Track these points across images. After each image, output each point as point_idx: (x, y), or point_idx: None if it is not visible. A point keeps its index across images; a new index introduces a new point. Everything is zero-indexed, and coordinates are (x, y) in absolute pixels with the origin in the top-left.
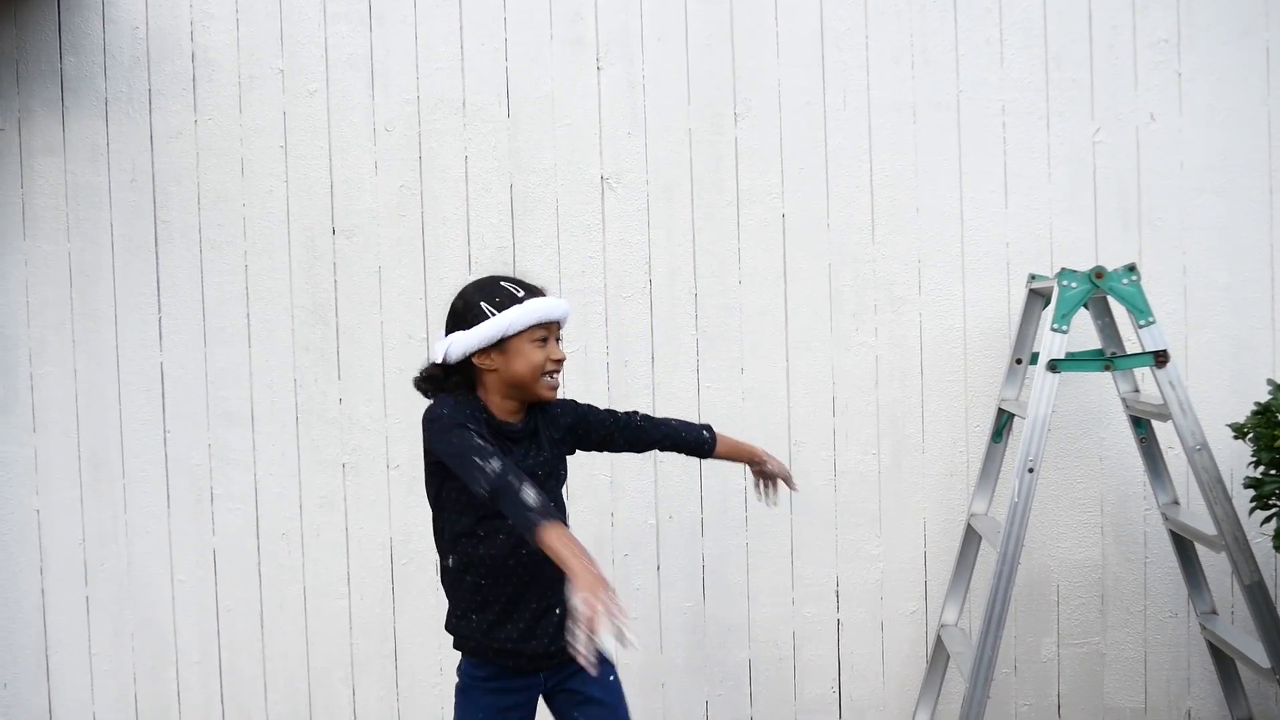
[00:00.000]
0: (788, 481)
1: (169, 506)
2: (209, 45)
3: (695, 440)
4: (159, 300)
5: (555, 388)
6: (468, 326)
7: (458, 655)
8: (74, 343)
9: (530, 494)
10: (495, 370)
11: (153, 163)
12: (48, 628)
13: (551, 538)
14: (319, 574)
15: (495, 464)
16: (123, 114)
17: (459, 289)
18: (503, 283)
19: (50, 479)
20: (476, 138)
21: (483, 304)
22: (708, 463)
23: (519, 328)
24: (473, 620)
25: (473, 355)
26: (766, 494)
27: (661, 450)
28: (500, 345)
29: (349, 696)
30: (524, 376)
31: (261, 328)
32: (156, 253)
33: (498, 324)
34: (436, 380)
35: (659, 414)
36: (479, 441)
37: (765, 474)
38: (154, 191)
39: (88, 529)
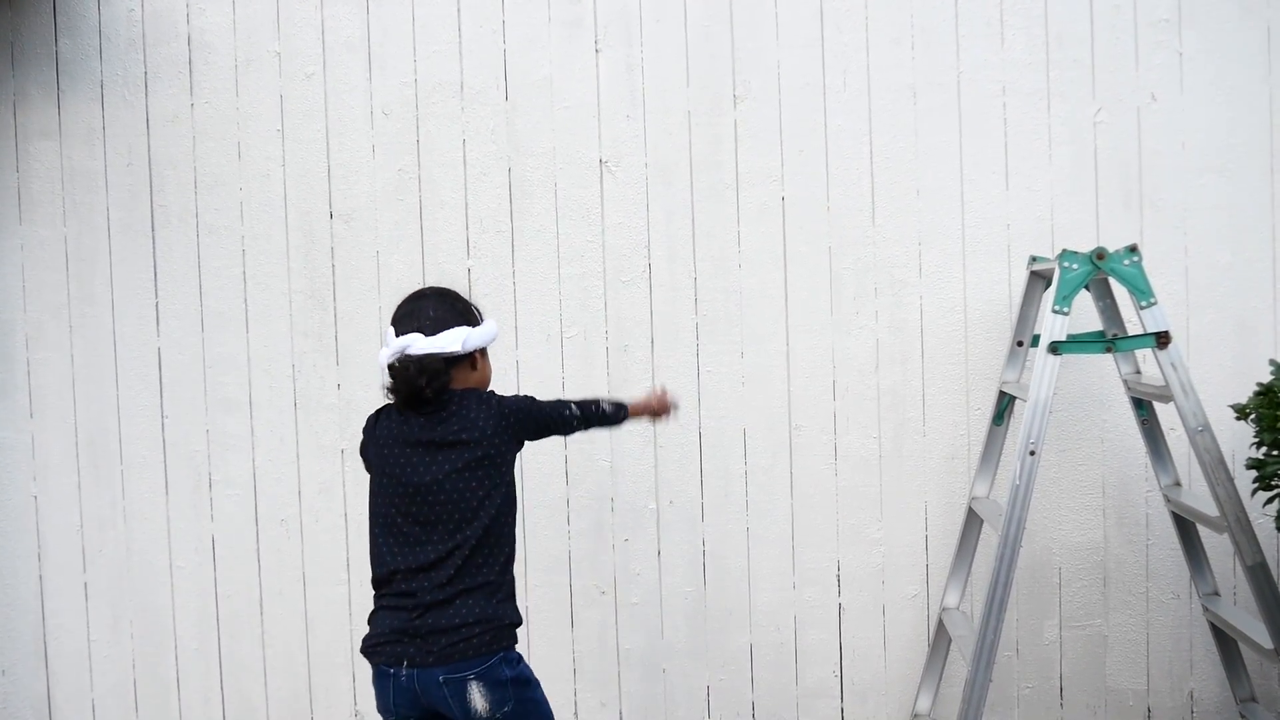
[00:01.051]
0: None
1: (167, 492)
2: (205, 28)
3: None
4: (156, 285)
5: None
6: (474, 324)
7: None
8: (71, 328)
9: (603, 407)
10: (477, 371)
11: (149, 146)
12: (46, 614)
13: (636, 413)
14: (318, 560)
15: (573, 408)
16: (118, 97)
17: (430, 292)
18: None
19: (48, 465)
20: (475, 121)
21: (474, 308)
22: (710, 448)
23: (494, 336)
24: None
25: (476, 352)
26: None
27: None
28: (484, 350)
29: (349, 683)
30: (489, 380)
31: (259, 312)
32: (153, 237)
33: (493, 326)
34: (439, 374)
35: None
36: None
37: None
38: (150, 175)
39: (86, 515)
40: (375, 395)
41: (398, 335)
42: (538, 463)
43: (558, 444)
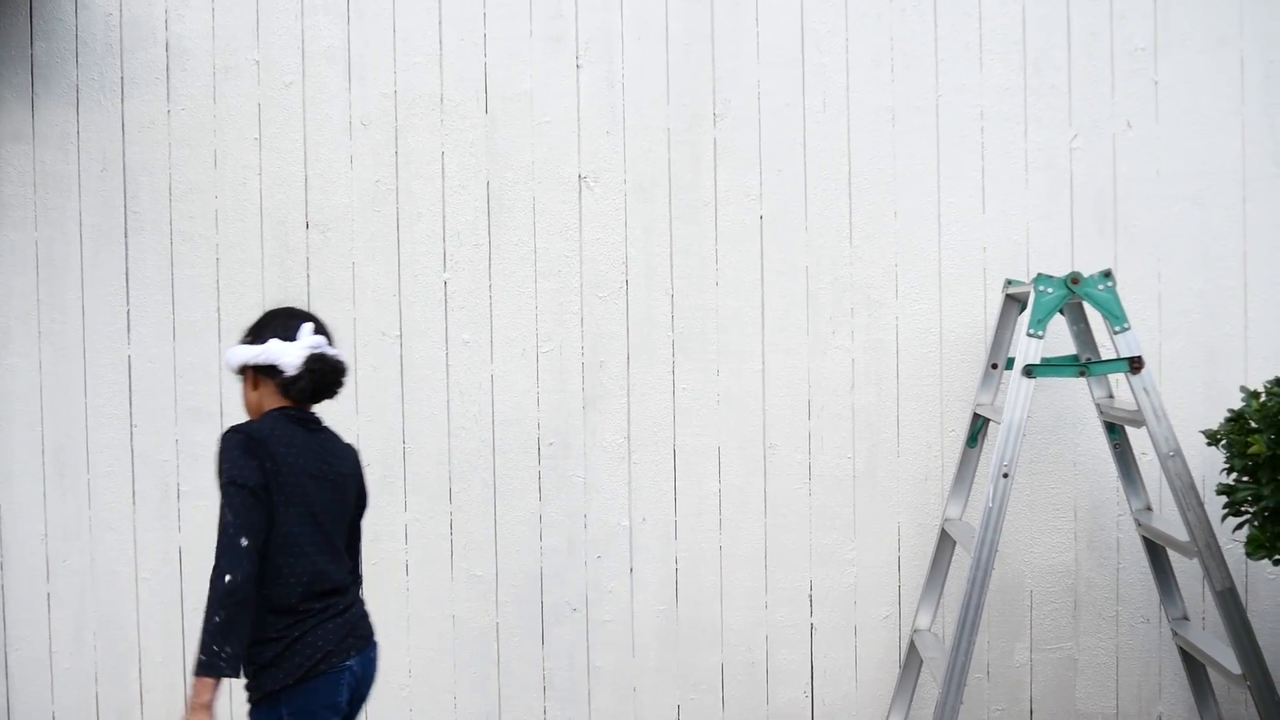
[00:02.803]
0: None
1: (134, 502)
2: (183, 34)
3: None
4: (128, 292)
5: None
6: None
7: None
8: (40, 334)
9: (213, 619)
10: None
11: (124, 152)
12: (7, 625)
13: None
14: None
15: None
16: (94, 102)
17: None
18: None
19: (13, 473)
20: (454, 134)
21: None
22: (684, 466)
23: None
24: None
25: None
26: None
27: None
28: None
29: None
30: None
31: (232, 322)
32: (126, 244)
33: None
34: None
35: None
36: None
37: None
38: (124, 181)
39: (50, 524)
40: (348, 407)
41: (315, 333)
42: (510, 477)
43: (531, 458)
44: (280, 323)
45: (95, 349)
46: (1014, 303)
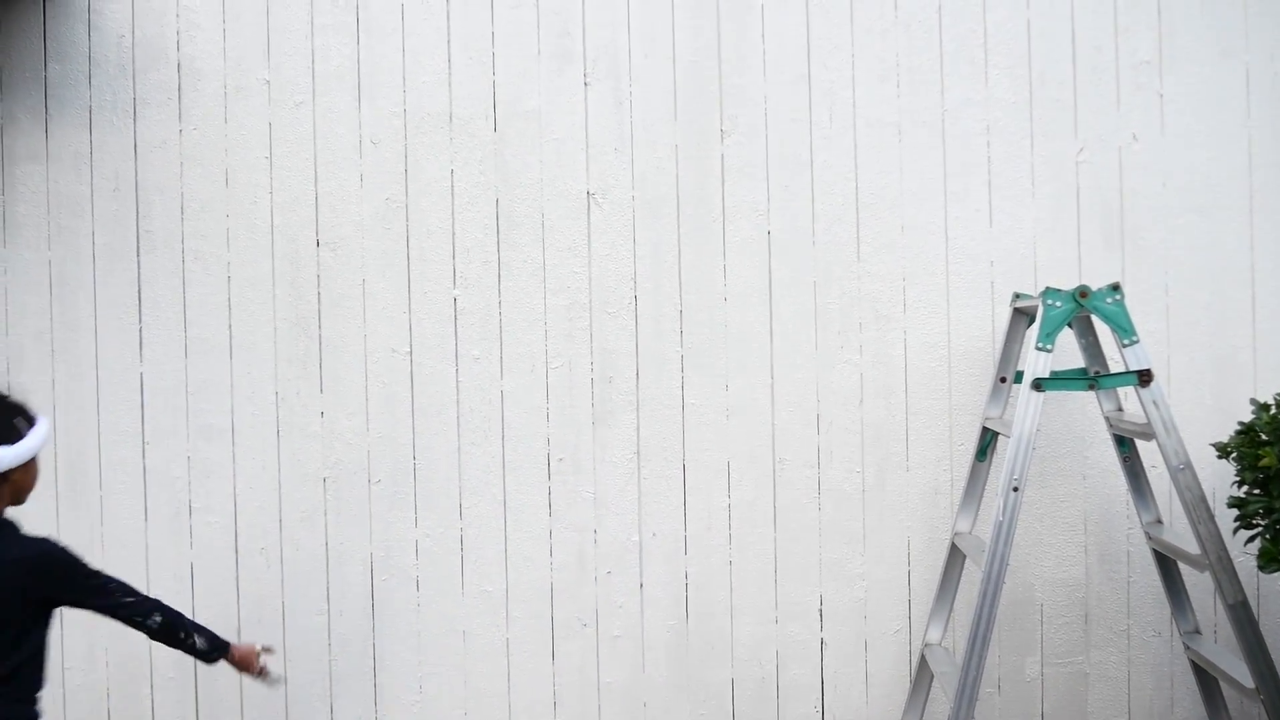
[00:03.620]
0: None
1: (146, 519)
2: (195, 55)
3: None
4: (140, 310)
5: None
6: (11, 440)
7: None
8: (53, 352)
9: (196, 641)
10: (9, 483)
11: (136, 172)
12: None
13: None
14: (298, 589)
15: (152, 599)
16: (107, 122)
17: None
18: (10, 399)
19: None
20: (463, 152)
21: (15, 420)
22: (694, 481)
23: (34, 451)
24: None
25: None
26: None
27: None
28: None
29: (327, 714)
30: (30, 487)
31: (243, 339)
32: (138, 262)
33: (36, 439)
34: None
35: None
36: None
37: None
38: (137, 201)
39: (63, 540)
40: (359, 423)
41: None
42: (520, 493)
43: (541, 474)
44: None
45: (107, 367)
46: (1022, 316)
